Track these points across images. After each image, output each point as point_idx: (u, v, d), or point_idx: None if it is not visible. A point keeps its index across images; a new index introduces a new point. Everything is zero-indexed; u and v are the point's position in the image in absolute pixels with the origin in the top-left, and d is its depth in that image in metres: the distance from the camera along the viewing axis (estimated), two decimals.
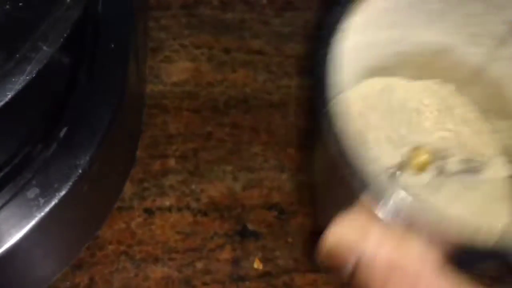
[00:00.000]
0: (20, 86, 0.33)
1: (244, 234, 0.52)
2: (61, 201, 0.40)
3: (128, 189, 0.53)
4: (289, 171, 0.56)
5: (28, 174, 0.40)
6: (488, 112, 0.49)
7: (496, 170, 0.47)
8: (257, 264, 0.51)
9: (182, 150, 0.56)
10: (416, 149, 0.46)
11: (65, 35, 0.36)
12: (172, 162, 0.55)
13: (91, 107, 0.44)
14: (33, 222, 0.39)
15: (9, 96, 0.32)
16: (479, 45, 0.47)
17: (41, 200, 0.39)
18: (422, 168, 0.46)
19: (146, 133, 0.56)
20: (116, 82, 0.46)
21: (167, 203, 0.53)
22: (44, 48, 0.35)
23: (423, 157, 0.45)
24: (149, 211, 0.53)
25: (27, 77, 0.33)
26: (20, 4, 0.38)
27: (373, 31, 0.46)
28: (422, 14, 0.46)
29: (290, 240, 0.52)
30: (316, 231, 0.49)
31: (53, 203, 0.39)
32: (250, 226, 0.53)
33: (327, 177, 0.43)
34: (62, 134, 0.42)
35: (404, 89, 0.50)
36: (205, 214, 0.53)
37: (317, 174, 0.47)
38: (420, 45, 0.48)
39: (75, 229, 0.46)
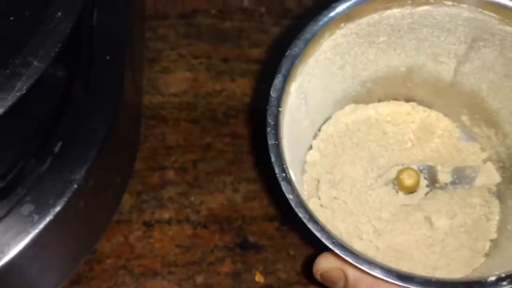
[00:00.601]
0: (10, 102, 0.32)
1: (244, 246, 0.52)
2: (56, 217, 0.39)
3: (127, 201, 0.53)
4: None
5: (22, 190, 0.40)
6: (479, 120, 0.49)
7: (488, 176, 0.48)
8: (258, 277, 0.50)
9: (181, 162, 0.55)
10: (403, 171, 0.46)
11: (56, 49, 0.35)
12: (171, 174, 0.55)
13: (86, 120, 0.44)
14: (28, 239, 0.39)
15: (0, 113, 0.32)
16: (443, 63, 0.48)
17: (36, 217, 0.39)
18: (412, 188, 0.46)
19: (144, 144, 0.56)
20: (111, 94, 0.46)
21: (166, 215, 0.53)
22: (35, 63, 0.35)
23: (410, 180, 0.45)
24: (148, 224, 0.52)
25: (17, 94, 0.33)
26: (10, 18, 0.37)
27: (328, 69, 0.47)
28: (372, 49, 0.47)
29: (291, 252, 0.52)
30: None
31: (48, 219, 0.39)
32: (251, 238, 0.52)
33: None
34: (56, 149, 0.42)
35: (378, 112, 0.50)
36: (205, 226, 0.52)
37: None
38: (387, 69, 0.49)
39: (71, 244, 0.46)
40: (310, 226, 0.38)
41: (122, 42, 0.49)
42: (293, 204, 0.38)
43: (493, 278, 0.36)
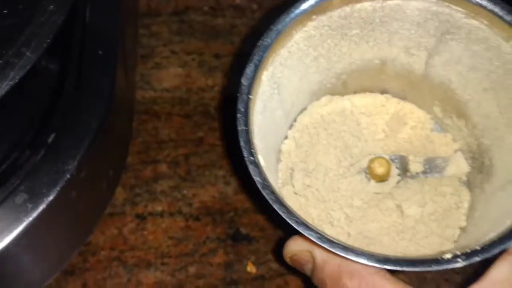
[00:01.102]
0: (3, 91, 0.33)
1: (236, 238, 0.52)
2: (50, 206, 0.40)
3: (120, 195, 0.53)
4: None
5: (16, 179, 0.41)
6: (450, 111, 0.49)
7: (457, 166, 0.48)
8: (250, 268, 0.51)
9: (173, 156, 0.56)
10: (374, 160, 0.47)
11: (48, 40, 0.36)
12: (163, 168, 0.55)
13: (79, 113, 0.44)
14: (21, 227, 0.39)
15: None
16: (415, 55, 0.49)
17: (29, 206, 0.39)
18: (383, 177, 0.47)
19: (137, 139, 0.56)
20: (104, 88, 0.47)
21: (159, 208, 0.53)
22: (28, 54, 0.35)
23: (381, 168, 0.46)
24: (141, 217, 0.53)
25: (10, 83, 0.33)
26: (4, 11, 0.38)
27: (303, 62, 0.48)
28: (345, 41, 0.48)
29: (283, 243, 0.52)
30: None
31: (41, 208, 0.40)
32: (243, 230, 0.53)
33: None
34: (50, 140, 0.43)
35: (353, 104, 0.51)
36: (197, 218, 0.53)
37: None
38: (360, 62, 0.50)
39: (65, 234, 0.46)
40: (276, 207, 0.39)
41: (114, 37, 0.50)
42: (260, 187, 0.39)
43: (448, 256, 0.37)
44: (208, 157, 0.56)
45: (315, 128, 0.50)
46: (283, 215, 0.39)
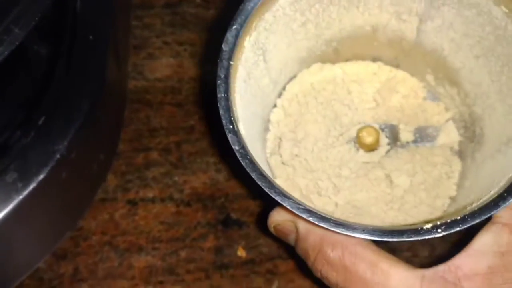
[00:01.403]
0: None
1: (227, 223, 0.53)
2: (40, 185, 0.40)
3: (112, 181, 0.54)
4: None
5: (7, 159, 0.41)
6: (443, 80, 0.49)
7: (448, 135, 0.48)
8: (241, 252, 0.51)
9: (165, 143, 0.56)
10: (363, 129, 0.46)
11: (36, 18, 0.36)
12: (155, 155, 0.56)
13: (69, 96, 0.45)
14: (11, 205, 0.40)
15: None
16: (406, 21, 0.48)
17: (20, 184, 0.40)
18: (372, 146, 0.47)
19: (129, 127, 0.57)
20: (94, 73, 0.47)
21: (150, 194, 0.54)
22: (16, 30, 0.36)
23: (369, 138, 0.46)
24: (132, 202, 0.53)
25: None
26: None
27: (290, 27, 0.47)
28: (334, 6, 0.47)
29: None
30: None
31: (31, 186, 0.40)
32: (234, 215, 0.53)
33: None
34: (40, 122, 0.43)
35: (344, 72, 0.51)
36: (188, 204, 0.53)
37: None
38: (351, 28, 0.49)
39: (55, 216, 0.47)
40: (254, 176, 0.38)
41: (105, 24, 0.50)
42: (238, 156, 0.39)
43: (428, 226, 0.37)
44: (199, 145, 0.57)
45: (304, 96, 0.49)
46: (262, 185, 0.38)
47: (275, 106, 0.49)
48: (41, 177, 0.40)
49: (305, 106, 0.49)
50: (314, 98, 0.49)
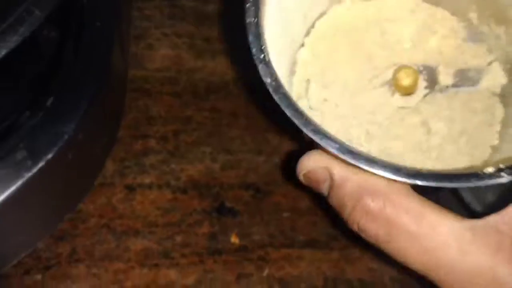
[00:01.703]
0: (13, 44, 0.35)
1: (221, 211, 0.54)
2: (48, 164, 0.41)
3: (110, 166, 0.55)
4: (265, 154, 0.58)
5: (17, 138, 0.42)
6: (488, 18, 0.44)
7: (493, 77, 0.44)
8: (234, 239, 0.53)
9: (162, 132, 0.58)
10: (400, 70, 0.42)
11: (55, 2, 0.38)
12: (152, 143, 0.57)
13: (76, 80, 0.46)
14: (20, 182, 0.41)
15: (3, 54, 0.34)
16: None
17: (29, 162, 0.41)
18: (410, 89, 0.42)
19: (128, 115, 0.58)
20: (100, 58, 0.48)
21: (148, 180, 0.55)
22: (36, 12, 0.37)
23: (407, 79, 0.42)
24: (130, 188, 0.54)
25: (20, 37, 0.35)
26: None
27: None
28: None
29: (265, 217, 0.54)
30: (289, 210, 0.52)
31: (40, 165, 0.41)
32: (228, 204, 0.55)
33: None
34: (48, 103, 0.44)
35: (379, 9, 0.46)
36: (184, 191, 0.55)
37: None
38: None
39: (58, 197, 0.48)
40: (289, 112, 0.34)
41: (111, 11, 0.51)
42: (271, 90, 0.35)
43: (491, 170, 0.33)
44: (196, 135, 0.58)
45: (334, 35, 0.45)
46: (297, 123, 0.34)
47: (302, 45, 0.45)
48: (49, 156, 0.42)
49: (335, 45, 0.45)
50: (345, 37, 0.45)
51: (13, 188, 0.40)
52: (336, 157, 0.34)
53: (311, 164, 0.38)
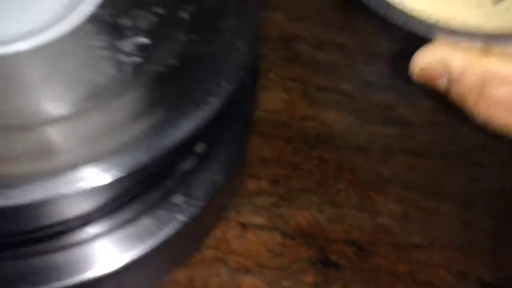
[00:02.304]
0: (208, 116, 0.38)
1: (325, 263, 0.58)
2: (201, 209, 0.45)
3: None
4: (369, 212, 0.61)
5: (173, 183, 0.46)
6: None
7: None
8: None
9: (274, 174, 0.61)
10: None
11: (241, 75, 0.41)
12: (265, 184, 0.61)
13: (227, 129, 0.50)
14: (176, 225, 0.44)
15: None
16: None
17: (185, 207, 0.45)
18: None
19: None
20: (246, 109, 0.52)
21: (260, 221, 0.59)
22: (224, 84, 0.40)
23: None
24: (243, 225, 0.58)
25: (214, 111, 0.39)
26: (195, 38, 0.43)
27: None
28: None
29: (367, 276, 0.58)
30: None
31: (195, 210, 0.45)
32: (332, 257, 0.58)
33: None
34: (201, 151, 0.48)
35: None
36: (292, 238, 0.58)
37: None
38: None
39: (194, 235, 0.52)
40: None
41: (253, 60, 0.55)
42: None
43: None
44: (304, 182, 0.62)
45: None
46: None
47: None
48: (204, 202, 0.45)
49: None
50: None
51: (169, 231, 0.44)
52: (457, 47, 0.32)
53: (426, 59, 0.36)
